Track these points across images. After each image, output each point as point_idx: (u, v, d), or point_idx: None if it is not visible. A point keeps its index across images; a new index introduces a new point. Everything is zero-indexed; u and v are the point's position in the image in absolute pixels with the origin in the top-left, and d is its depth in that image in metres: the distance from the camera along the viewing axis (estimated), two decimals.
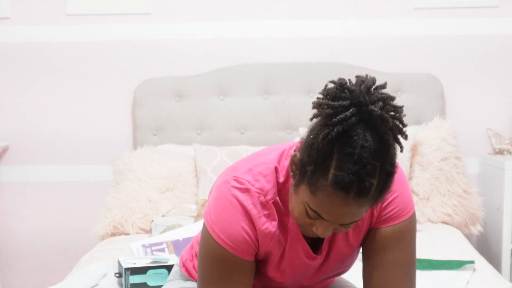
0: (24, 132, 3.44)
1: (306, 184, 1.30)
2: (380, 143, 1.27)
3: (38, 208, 3.48)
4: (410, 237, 1.49)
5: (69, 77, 3.41)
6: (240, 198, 1.39)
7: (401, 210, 1.48)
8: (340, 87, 1.29)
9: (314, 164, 1.28)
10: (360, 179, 1.25)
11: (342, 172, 1.25)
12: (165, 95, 3.32)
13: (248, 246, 1.41)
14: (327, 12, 3.36)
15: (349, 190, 1.25)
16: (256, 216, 1.39)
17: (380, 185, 1.28)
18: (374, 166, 1.26)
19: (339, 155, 1.26)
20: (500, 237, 3.11)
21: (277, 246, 1.45)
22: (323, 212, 1.30)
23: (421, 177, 3.03)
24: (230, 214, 1.39)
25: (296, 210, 1.36)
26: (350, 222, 1.32)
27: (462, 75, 3.37)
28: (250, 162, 1.44)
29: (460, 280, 2.16)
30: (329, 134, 1.26)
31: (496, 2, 3.32)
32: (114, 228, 2.94)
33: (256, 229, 1.40)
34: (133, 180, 3.03)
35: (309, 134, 1.32)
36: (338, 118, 1.26)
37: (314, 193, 1.29)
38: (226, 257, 1.41)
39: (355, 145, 1.25)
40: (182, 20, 3.38)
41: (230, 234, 1.40)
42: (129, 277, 2.03)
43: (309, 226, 1.37)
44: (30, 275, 3.52)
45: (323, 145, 1.27)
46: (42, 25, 3.38)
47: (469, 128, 3.37)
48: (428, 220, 2.99)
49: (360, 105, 1.27)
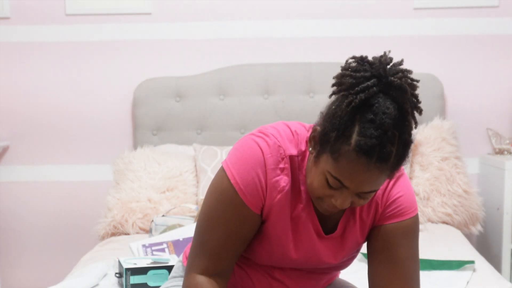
0: (24, 132, 3.44)
1: (328, 152, 1.35)
2: (400, 111, 1.34)
3: (38, 208, 3.48)
4: (413, 235, 1.53)
5: (69, 77, 3.41)
6: (261, 145, 1.45)
7: (406, 209, 1.51)
8: (361, 61, 1.38)
9: (337, 131, 1.33)
10: (381, 144, 1.30)
11: (364, 137, 1.30)
12: (165, 95, 3.32)
13: (257, 194, 1.44)
14: (327, 12, 3.36)
15: (372, 155, 1.30)
16: (271, 167, 1.44)
17: (399, 153, 1.33)
18: (394, 133, 1.32)
19: (362, 121, 1.31)
20: (500, 237, 3.11)
21: (285, 206, 1.47)
22: (345, 178, 1.34)
23: (421, 177, 3.03)
24: (249, 158, 1.44)
25: (316, 181, 1.39)
26: (369, 191, 1.37)
27: (462, 75, 3.37)
28: (277, 123, 1.52)
29: (460, 280, 2.17)
30: (352, 102, 1.32)
31: (496, 2, 3.32)
32: (114, 228, 2.94)
33: (267, 179, 1.44)
34: (133, 180, 3.03)
35: (330, 105, 1.38)
36: (360, 87, 1.33)
37: (337, 160, 1.33)
38: (235, 201, 1.45)
39: (377, 111, 1.31)
40: (182, 20, 3.38)
41: (244, 177, 1.44)
42: (130, 277, 2.03)
43: (327, 198, 1.40)
44: (30, 275, 3.52)
45: (346, 112, 1.33)
46: (42, 25, 3.38)
47: (469, 128, 3.37)
48: (428, 220, 3.00)
49: (380, 76, 1.35)
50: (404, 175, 1.53)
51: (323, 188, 1.39)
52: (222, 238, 1.47)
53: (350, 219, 1.53)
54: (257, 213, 1.47)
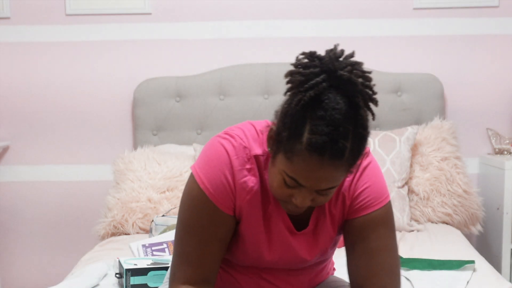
0: (24, 132, 3.44)
1: (282, 151, 1.34)
2: (351, 106, 1.31)
3: (38, 208, 3.48)
4: (385, 226, 1.51)
5: (69, 77, 3.41)
6: (226, 147, 1.45)
7: (373, 200, 1.50)
8: (310, 56, 1.35)
9: (288, 130, 1.32)
10: (333, 140, 1.28)
11: (315, 134, 1.29)
12: (165, 95, 3.32)
13: (227, 195, 1.45)
14: (327, 12, 3.36)
15: (324, 152, 1.29)
16: (237, 168, 1.45)
17: (354, 148, 1.31)
18: (347, 128, 1.29)
19: (312, 119, 1.30)
20: (500, 237, 3.11)
21: (256, 206, 1.48)
22: (300, 177, 1.33)
23: (421, 177, 3.03)
24: (215, 161, 1.45)
25: (275, 181, 1.38)
26: (327, 188, 1.35)
27: (462, 75, 3.37)
28: (243, 124, 1.52)
29: (460, 280, 2.16)
30: (302, 100, 1.31)
31: (496, 2, 3.32)
32: (114, 228, 2.94)
33: (235, 180, 1.45)
34: (133, 180, 3.03)
35: (283, 104, 1.38)
36: (309, 84, 1.31)
37: (291, 159, 1.32)
38: (206, 205, 1.45)
39: (327, 107, 1.29)
40: (182, 20, 3.38)
41: (212, 179, 1.44)
42: (130, 278, 2.03)
43: (288, 198, 1.39)
44: (30, 275, 3.53)
45: (296, 110, 1.32)
46: (42, 25, 3.38)
47: (469, 128, 3.38)
48: (428, 220, 3.00)
49: (329, 71, 1.32)
50: (372, 164, 1.51)
51: (281, 187, 1.38)
52: (200, 244, 1.47)
53: (320, 214, 1.53)
54: (230, 214, 1.47)
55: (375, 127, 3.30)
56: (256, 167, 1.46)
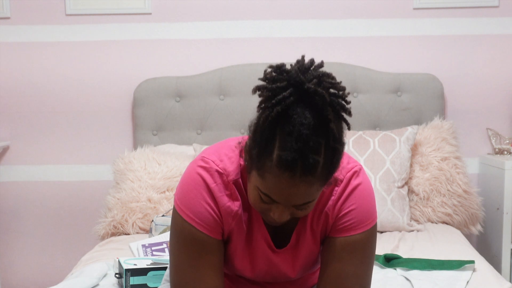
0: (24, 132, 3.44)
1: (255, 168, 1.32)
2: (320, 119, 1.27)
3: (38, 208, 3.48)
4: (364, 251, 1.47)
5: (69, 77, 3.41)
6: (203, 176, 1.43)
7: (357, 223, 1.46)
8: (278, 70, 1.32)
9: (258, 147, 1.30)
10: (303, 156, 1.25)
11: (285, 151, 1.25)
12: (165, 95, 3.32)
13: (214, 222, 1.43)
14: (327, 12, 3.36)
15: (294, 169, 1.25)
16: (218, 195, 1.42)
17: (327, 162, 1.28)
18: (317, 142, 1.25)
19: (281, 135, 1.27)
20: (500, 237, 3.11)
21: (241, 227, 1.46)
22: (273, 194, 1.31)
23: (421, 177, 3.03)
24: (195, 192, 1.42)
25: (252, 196, 1.37)
26: (302, 203, 1.32)
27: (462, 75, 3.37)
28: (220, 145, 1.49)
29: (460, 280, 2.16)
30: (269, 116, 1.28)
31: (496, 2, 3.32)
32: (114, 228, 2.94)
33: (219, 206, 1.43)
34: (133, 180, 3.03)
35: (253, 120, 1.36)
36: (276, 99, 1.28)
37: (263, 176, 1.30)
38: (195, 235, 1.43)
39: (295, 123, 1.25)
40: (182, 20, 3.38)
41: (196, 211, 1.42)
42: (130, 278, 2.03)
43: (266, 212, 1.37)
44: (30, 274, 3.53)
45: (265, 127, 1.29)
46: (42, 25, 3.38)
47: (469, 128, 3.38)
48: (428, 220, 3.00)
49: (297, 85, 1.28)
50: (362, 185, 1.47)
51: (258, 202, 1.36)
52: (200, 277, 1.44)
53: (301, 230, 1.50)
54: (219, 239, 1.46)
55: (375, 127, 3.30)
56: (236, 190, 1.44)
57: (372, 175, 2.94)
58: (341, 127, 1.31)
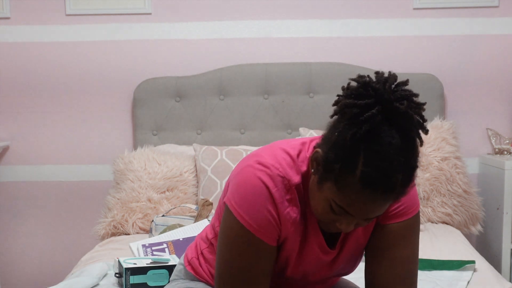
0: (24, 132, 3.44)
1: (332, 181, 1.32)
2: (406, 139, 1.29)
3: (38, 208, 3.48)
4: (415, 234, 1.52)
5: (69, 77, 3.41)
6: (265, 181, 1.39)
7: (408, 208, 1.50)
8: (364, 86, 1.32)
9: (341, 162, 1.30)
10: (387, 175, 1.27)
11: (370, 168, 1.27)
12: (165, 95, 3.32)
13: (273, 228, 1.41)
14: (327, 12, 3.36)
15: (377, 187, 1.27)
16: (279, 200, 1.40)
17: (404, 179, 1.30)
18: (400, 161, 1.28)
19: (367, 153, 1.27)
20: (500, 237, 3.11)
21: (297, 233, 1.46)
22: (350, 208, 1.32)
23: (421, 177, 3.03)
24: (256, 196, 1.40)
25: (320, 206, 1.37)
26: (374, 216, 1.35)
27: (462, 75, 3.37)
28: (272, 149, 1.46)
29: (460, 280, 2.16)
30: (357, 133, 1.28)
31: (496, 2, 3.32)
32: (114, 228, 2.94)
33: (279, 213, 1.41)
34: (133, 180, 3.03)
35: (332, 131, 1.34)
36: (365, 117, 1.28)
37: (342, 190, 1.30)
38: (252, 241, 1.41)
39: (382, 142, 1.27)
40: (182, 20, 3.38)
41: (255, 216, 1.40)
42: (130, 277, 2.03)
43: (332, 222, 1.39)
44: (30, 275, 3.53)
45: (351, 143, 1.29)
46: (42, 25, 3.38)
47: (469, 128, 3.38)
48: (428, 220, 3.00)
49: (385, 103, 1.29)
50: None
51: (327, 213, 1.37)
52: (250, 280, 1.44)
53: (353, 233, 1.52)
54: (274, 245, 1.45)
55: None
56: (296, 197, 1.43)
57: None
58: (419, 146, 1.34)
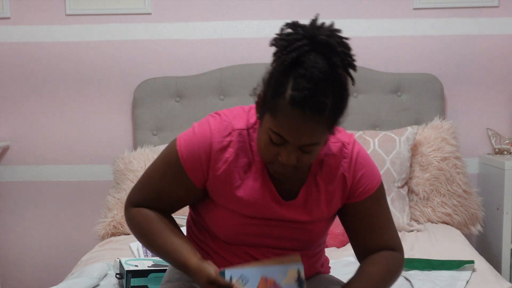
0: (24, 132, 3.44)
1: (268, 110, 1.46)
2: (330, 66, 1.42)
3: (38, 208, 3.48)
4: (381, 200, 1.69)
5: (69, 77, 3.41)
6: (211, 122, 1.62)
7: (370, 184, 1.66)
8: (294, 26, 1.47)
9: (272, 89, 1.45)
10: (314, 96, 1.40)
11: (297, 90, 1.40)
12: (165, 95, 3.32)
13: (198, 167, 1.58)
14: (327, 12, 3.36)
15: (305, 106, 1.40)
16: (217, 140, 1.58)
17: (334, 106, 1.43)
18: (326, 86, 1.41)
19: (294, 77, 1.42)
20: (500, 237, 3.11)
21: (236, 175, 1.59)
22: (284, 132, 1.44)
23: (421, 177, 3.03)
24: (198, 134, 1.60)
25: (262, 141, 1.50)
26: (309, 143, 1.46)
27: (462, 75, 3.37)
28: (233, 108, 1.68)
29: (459, 280, 2.17)
30: (285, 61, 1.43)
31: (496, 2, 3.32)
32: (114, 228, 2.95)
33: (212, 152, 1.58)
34: (133, 180, 3.03)
35: (267, 72, 1.51)
36: (291, 47, 1.43)
37: (275, 116, 1.44)
38: (177, 167, 1.60)
39: (308, 66, 1.41)
40: (182, 20, 3.38)
41: (189, 151, 1.59)
42: (130, 279, 2.03)
43: (274, 158, 1.50)
44: (30, 275, 3.53)
45: (280, 70, 1.44)
46: (42, 25, 3.38)
47: (469, 128, 3.38)
48: (428, 220, 3.00)
49: (310, 37, 1.44)
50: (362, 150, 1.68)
51: (268, 145, 1.49)
52: (160, 190, 1.62)
53: (312, 190, 1.62)
54: (196, 185, 1.60)
55: (375, 127, 3.30)
56: (236, 140, 1.59)
57: None
58: (347, 78, 1.46)
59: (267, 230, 1.62)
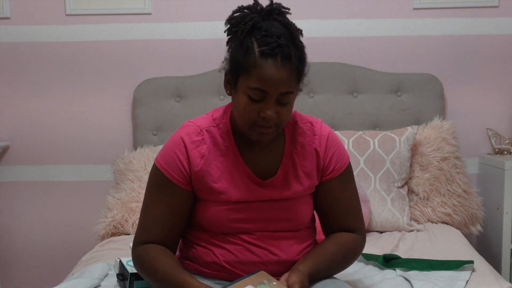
0: (24, 132, 3.44)
1: (242, 72, 1.61)
2: (284, 25, 1.65)
3: (38, 208, 3.48)
4: (351, 181, 1.84)
5: (69, 77, 3.41)
6: (179, 131, 1.76)
7: (341, 162, 1.82)
8: (240, 8, 1.70)
9: (241, 51, 1.61)
10: (280, 47, 1.58)
11: (264, 45, 1.59)
12: (165, 95, 3.32)
13: (180, 172, 1.72)
14: (327, 12, 3.36)
15: (275, 55, 1.58)
16: (189, 142, 1.73)
17: (297, 55, 1.63)
18: (286, 39, 1.61)
19: (257, 38, 1.61)
20: (500, 237, 3.11)
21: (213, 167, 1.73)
22: (261, 82, 1.58)
23: (421, 177, 3.03)
24: (171, 146, 1.75)
25: (241, 104, 1.63)
26: (286, 91, 1.60)
27: (462, 75, 3.37)
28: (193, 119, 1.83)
29: (458, 280, 2.16)
30: (244, 28, 1.62)
31: (496, 2, 3.32)
32: (114, 228, 2.95)
33: (188, 152, 1.72)
34: (133, 180, 3.03)
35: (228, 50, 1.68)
36: (245, 19, 1.64)
37: (250, 72, 1.59)
38: (162, 180, 1.73)
39: (266, 28, 1.61)
40: (182, 20, 3.38)
41: (167, 160, 1.73)
42: (134, 282, 2.03)
43: (255, 116, 1.62)
44: (30, 275, 3.53)
45: (243, 37, 1.62)
46: (42, 25, 3.39)
47: (469, 128, 3.38)
48: (428, 220, 3.00)
49: (257, 12, 1.67)
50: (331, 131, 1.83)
51: (248, 105, 1.62)
52: (160, 215, 1.73)
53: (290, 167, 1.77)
54: (185, 188, 1.73)
55: (375, 127, 3.30)
56: (207, 136, 1.74)
57: (372, 175, 2.94)
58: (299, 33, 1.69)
59: (254, 214, 1.74)
